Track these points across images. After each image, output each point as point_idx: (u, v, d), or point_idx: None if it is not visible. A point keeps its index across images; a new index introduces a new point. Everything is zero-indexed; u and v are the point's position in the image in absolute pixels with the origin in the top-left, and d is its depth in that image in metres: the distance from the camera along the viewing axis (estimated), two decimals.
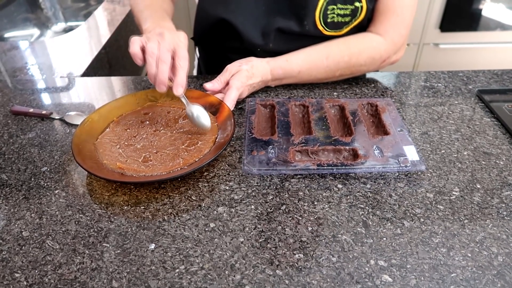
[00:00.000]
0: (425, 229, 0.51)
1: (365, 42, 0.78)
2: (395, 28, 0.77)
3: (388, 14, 0.76)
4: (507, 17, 1.95)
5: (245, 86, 0.72)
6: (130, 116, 0.70)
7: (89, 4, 1.55)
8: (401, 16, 0.76)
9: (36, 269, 0.47)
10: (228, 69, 0.73)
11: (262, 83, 0.77)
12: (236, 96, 0.70)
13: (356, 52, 0.77)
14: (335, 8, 0.74)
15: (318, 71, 0.77)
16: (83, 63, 0.94)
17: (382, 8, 0.77)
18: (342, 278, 0.45)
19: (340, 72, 0.78)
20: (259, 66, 0.74)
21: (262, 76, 0.75)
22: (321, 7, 0.73)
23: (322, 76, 0.79)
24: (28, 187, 0.58)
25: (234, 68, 0.73)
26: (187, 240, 0.50)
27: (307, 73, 0.77)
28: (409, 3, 0.76)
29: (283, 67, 0.76)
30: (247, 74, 0.73)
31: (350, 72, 0.79)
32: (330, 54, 0.76)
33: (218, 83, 0.72)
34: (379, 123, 0.68)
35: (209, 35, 0.88)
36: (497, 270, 0.46)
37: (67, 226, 0.52)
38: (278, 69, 0.76)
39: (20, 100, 0.79)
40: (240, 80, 0.71)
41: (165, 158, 0.60)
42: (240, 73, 0.72)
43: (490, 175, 0.59)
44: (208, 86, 0.72)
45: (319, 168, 0.58)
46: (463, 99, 0.76)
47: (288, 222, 0.52)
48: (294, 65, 0.76)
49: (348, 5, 0.74)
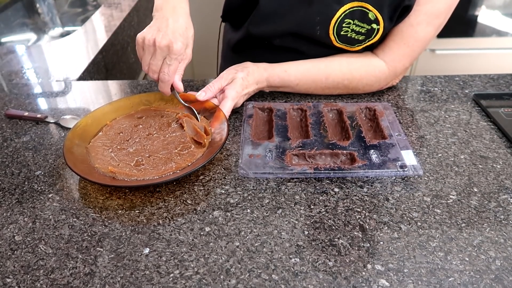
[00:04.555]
0: (422, 233, 0.50)
1: (368, 68, 0.76)
2: (401, 59, 0.75)
3: (401, 43, 0.74)
4: (502, 23, 1.96)
5: (240, 96, 0.71)
6: (124, 120, 0.70)
7: (87, 9, 1.56)
8: (411, 49, 0.74)
9: (28, 274, 0.46)
10: (223, 77, 0.72)
11: (257, 90, 0.76)
12: (231, 107, 0.69)
13: (356, 78, 0.76)
14: (351, 23, 0.71)
15: (315, 88, 0.77)
16: (80, 67, 0.94)
17: (397, 34, 0.74)
18: (338, 282, 0.45)
19: (338, 92, 0.79)
20: (254, 73, 0.73)
21: (257, 83, 0.74)
22: (338, 17, 0.71)
23: (319, 92, 0.78)
24: (22, 191, 0.58)
25: (230, 76, 0.72)
26: (182, 244, 0.49)
27: (304, 88, 0.77)
28: (427, 36, 0.73)
29: (281, 77, 0.75)
30: (242, 83, 0.71)
31: (347, 92, 0.79)
32: (330, 75, 0.75)
33: (210, 91, 0.70)
34: (377, 127, 0.68)
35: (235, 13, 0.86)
36: (495, 274, 0.45)
37: (61, 230, 0.51)
38: (276, 77, 0.75)
39: (15, 104, 0.79)
40: (236, 90, 0.70)
41: (158, 162, 0.60)
42: (235, 82, 0.71)
43: (487, 178, 0.58)
44: (200, 97, 0.70)
45: (316, 172, 0.58)
46: (459, 103, 0.76)
47: (284, 226, 0.51)
48: (292, 77, 0.75)
49: (365, 24, 0.71)
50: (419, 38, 0.73)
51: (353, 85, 0.76)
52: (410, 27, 0.72)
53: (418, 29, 0.72)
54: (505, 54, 2.04)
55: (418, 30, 0.72)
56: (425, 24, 0.71)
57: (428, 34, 0.73)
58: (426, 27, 0.72)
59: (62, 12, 1.54)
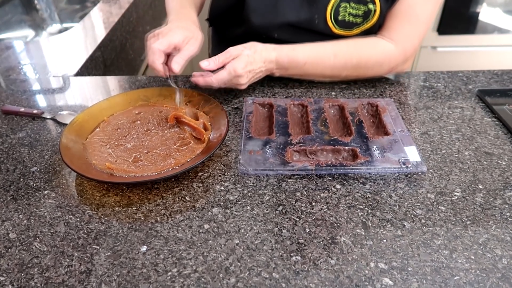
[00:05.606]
0: (427, 230, 0.49)
1: (375, 46, 0.75)
2: (408, 38, 0.75)
3: (404, 21, 0.73)
4: (504, 21, 1.95)
5: (244, 72, 0.69)
6: (122, 116, 0.68)
7: (85, 5, 1.54)
8: (414, 27, 0.74)
9: (22, 272, 0.45)
10: (230, 51, 0.70)
11: (265, 71, 0.73)
12: (223, 78, 0.68)
13: (365, 56, 0.74)
14: (348, 6, 0.71)
15: (324, 67, 0.74)
16: (77, 63, 0.92)
17: (398, 14, 0.73)
18: (341, 281, 0.43)
19: (346, 73, 0.76)
20: (262, 52, 0.71)
21: (264, 62, 0.71)
22: (334, 3, 0.71)
23: (328, 73, 0.76)
24: (17, 188, 0.57)
25: (236, 52, 0.70)
26: (180, 242, 0.48)
27: (312, 67, 0.74)
28: (427, 13, 0.73)
29: (289, 56, 0.72)
30: (246, 60, 0.69)
31: (356, 75, 0.77)
32: (338, 53, 0.74)
33: (214, 62, 0.69)
34: (379, 123, 0.67)
35: (222, 16, 0.86)
36: (501, 273, 0.44)
37: (56, 227, 0.50)
38: (284, 57, 0.72)
39: (11, 100, 0.78)
40: (236, 65, 0.68)
41: (156, 158, 0.58)
42: (239, 58, 0.69)
43: (492, 175, 0.57)
44: (203, 65, 0.69)
45: (317, 169, 0.57)
46: (463, 99, 0.75)
47: (285, 223, 0.50)
48: (300, 55, 0.73)
49: (361, 5, 0.71)
50: (420, 17, 0.73)
51: (363, 63, 0.74)
52: (409, 7, 0.72)
53: (417, 8, 0.72)
54: (506, 52, 2.02)
55: (417, 9, 0.72)
56: (422, 2, 0.72)
57: (427, 11, 0.73)
58: (424, 5, 0.72)
59: (60, 8, 1.52)
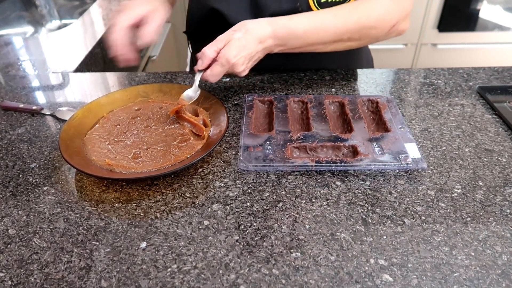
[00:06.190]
0: (427, 227, 0.49)
1: (373, 3, 0.71)
2: None
3: None
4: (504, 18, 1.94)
5: (238, 59, 0.64)
6: (121, 112, 0.68)
7: (84, 2, 1.53)
8: None
9: (22, 268, 0.45)
10: (219, 39, 0.65)
11: (263, 50, 0.68)
12: (217, 72, 0.64)
13: (365, 12, 0.70)
14: None
15: (325, 31, 0.70)
16: (77, 59, 0.92)
17: None
18: (341, 277, 0.43)
19: (348, 35, 0.72)
20: (254, 30, 0.65)
21: (260, 41, 0.66)
22: None
23: (331, 37, 0.71)
24: (16, 184, 0.56)
25: (225, 37, 0.65)
26: (180, 238, 0.48)
27: (313, 34, 0.69)
28: None
29: (287, 26, 0.67)
30: (238, 44, 0.63)
31: (359, 36, 0.73)
32: (337, 12, 0.69)
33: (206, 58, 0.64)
34: (379, 120, 0.67)
35: (201, 27, 0.84)
36: (501, 270, 0.44)
37: (55, 223, 0.50)
38: (281, 28, 0.67)
39: (11, 96, 0.77)
40: (228, 55, 0.63)
41: (156, 155, 0.58)
42: (230, 45, 0.63)
43: (493, 172, 0.57)
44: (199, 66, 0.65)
45: (318, 165, 0.57)
46: (463, 96, 0.75)
47: (285, 219, 0.50)
48: (299, 23, 0.68)
49: None
50: None
51: (363, 20, 0.70)
52: None
53: None
54: (506, 49, 2.02)
55: None
56: None
57: None
58: None
59: (59, 4, 1.52)
